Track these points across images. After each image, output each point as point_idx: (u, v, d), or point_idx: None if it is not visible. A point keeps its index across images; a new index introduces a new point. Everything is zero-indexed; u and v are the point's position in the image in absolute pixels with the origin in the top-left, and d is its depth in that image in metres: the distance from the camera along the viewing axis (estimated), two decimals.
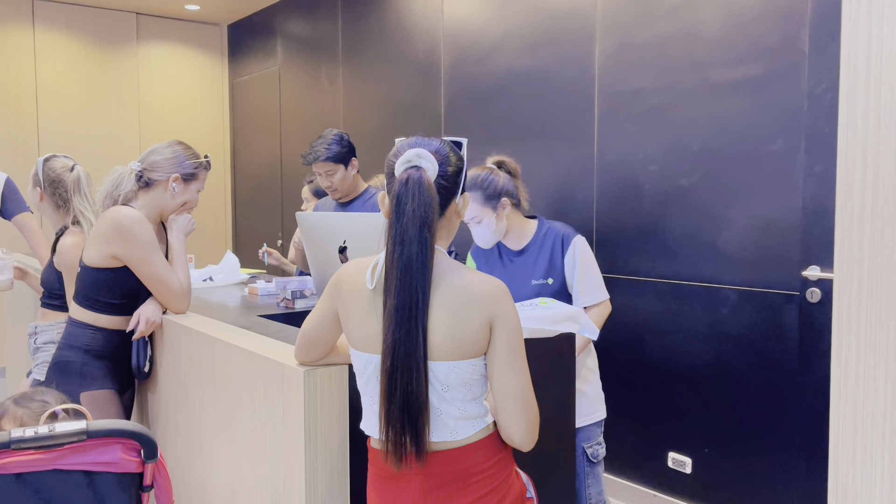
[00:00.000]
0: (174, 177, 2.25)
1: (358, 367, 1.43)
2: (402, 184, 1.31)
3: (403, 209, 1.29)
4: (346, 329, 1.43)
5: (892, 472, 0.79)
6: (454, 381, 1.34)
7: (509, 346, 1.35)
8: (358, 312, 1.38)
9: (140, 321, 2.21)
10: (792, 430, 2.70)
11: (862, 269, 0.80)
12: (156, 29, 6.16)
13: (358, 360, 1.42)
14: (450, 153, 1.40)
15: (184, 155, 2.29)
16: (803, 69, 2.61)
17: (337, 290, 1.44)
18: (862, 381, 0.80)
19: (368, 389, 1.41)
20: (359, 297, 1.39)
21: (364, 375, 1.41)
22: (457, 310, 1.32)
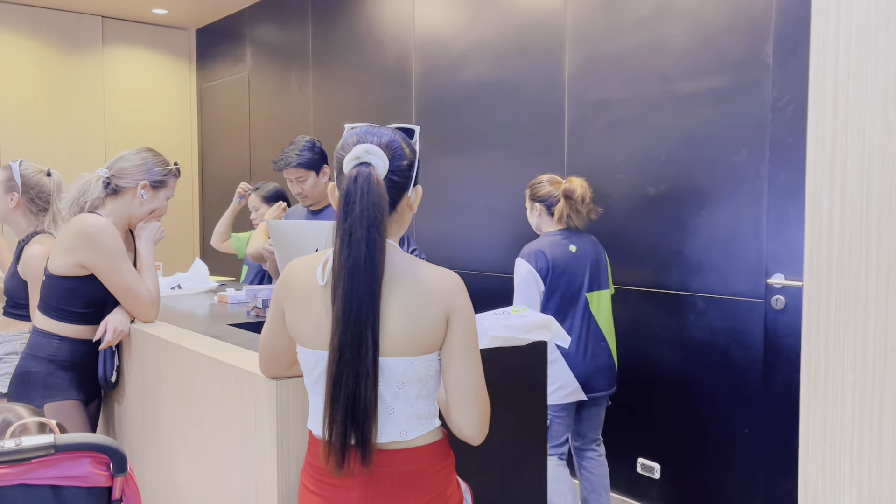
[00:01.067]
0: (142, 184, 2.22)
1: (307, 366, 1.38)
2: (352, 181, 1.28)
3: (352, 208, 1.26)
4: (294, 327, 1.38)
5: (860, 480, 0.81)
6: (410, 378, 1.32)
7: (465, 340, 1.34)
8: (308, 309, 1.34)
9: (107, 330, 2.17)
10: (757, 434, 2.75)
11: (830, 282, 0.82)
12: (122, 33, 6.07)
13: (307, 357, 1.37)
14: (402, 145, 1.36)
15: (153, 162, 2.26)
16: (767, 82, 2.67)
17: (284, 287, 1.39)
18: (830, 391, 0.83)
19: (317, 388, 1.37)
20: (308, 293, 1.35)
21: (314, 373, 1.36)
22: (414, 304, 1.30)
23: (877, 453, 0.80)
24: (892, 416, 0.79)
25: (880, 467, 0.80)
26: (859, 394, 0.81)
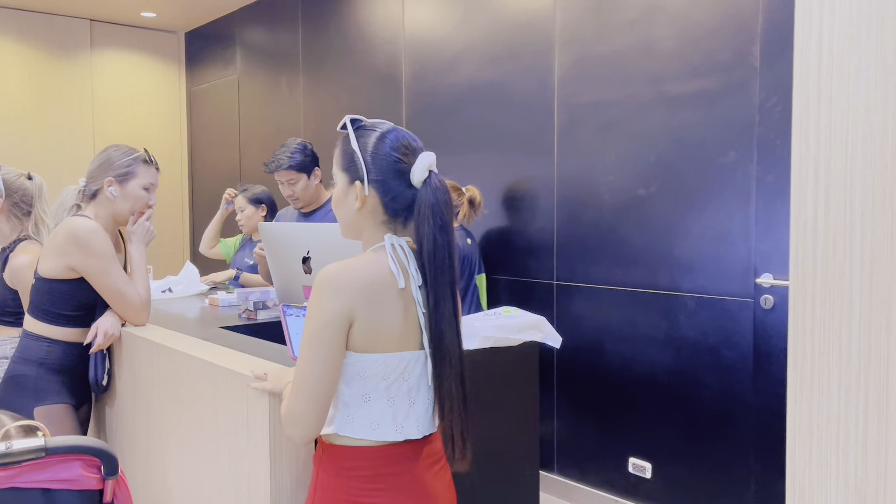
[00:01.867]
0: (107, 181, 2.21)
1: (386, 370, 1.35)
2: (435, 192, 1.38)
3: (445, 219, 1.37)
4: (372, 333, 1.33)
5: (846, 473, 0.82)
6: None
7: None
8: (392, 312, 1.34)
9: (98, 334, 2.17)
10: (747, 432, 2.77)
11: (815, 279, 0.84)
12: (110, 36, 6.05)
13: (388, 361, 1.35)
14: None
15: (115, 155, 2.23)
16: (754, 83, 2.69)
17: (355, 294, 1.31)
18: (816, 386, 0.84)
19: (393, 390, 1.36)
20: (388, 296, 1.34)
21: (391, 377, 1.35)
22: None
23: (862, 446, 0.81)
24: (876, 410, 0.80)
25: (865, 460, 0.81)
26: (844, 389, 0.82)
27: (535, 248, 3.49)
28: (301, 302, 2.26)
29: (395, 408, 1.36)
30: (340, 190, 1.42)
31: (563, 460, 3.43)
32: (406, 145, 1.40)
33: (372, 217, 1.40)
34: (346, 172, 1.41)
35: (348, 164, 1.40)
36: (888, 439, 0.80)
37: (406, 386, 1.37)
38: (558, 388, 3.41)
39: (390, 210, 1.39)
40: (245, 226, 3.66)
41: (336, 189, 1.43)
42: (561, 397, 3.41)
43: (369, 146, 1.39)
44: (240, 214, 3.65)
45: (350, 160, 1.40)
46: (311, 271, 2.19)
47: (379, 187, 1.38)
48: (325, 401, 1.32)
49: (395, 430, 1.36)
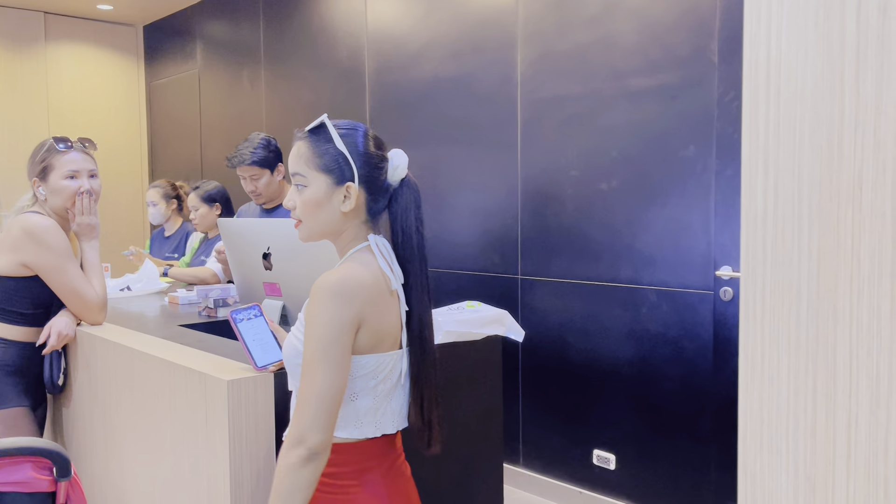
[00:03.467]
0: (33, 182, 2.16)
1: (380, 370, 1.36)
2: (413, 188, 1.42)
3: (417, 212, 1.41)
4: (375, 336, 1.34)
5: (796, 460, 0.84)
6: None
7: None
8: (390, 313, 1.37)
9: (51, 334, 2.11)
10: (708, 422, 2.81)
11: (765, 268, 0.85)
12: (65, 29, 5.91)
13: (384, 361, 1.36)
14: None
15: (33, 153, 2.18)
16: (713, 78, 2.73)
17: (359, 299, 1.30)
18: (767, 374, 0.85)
19: (378, 389, 1.36)
20: (385, 298, 1.36)
21: (381, 374, 1.36)
22: None
23: (811, 433, 0.83)
24: (824, 397, 0.81)
25: (815, 447, 0.83)
26: (794, 376, 0.84)
27: (500, 242, 3.50)
28: (261, 300, 2.24)
29: (377, 404, 1.38)
30: (320, 193, 1.36)
31: (528, 453, 3.45)
32: (381, 143, 1.43)
33: (355, 218, 1.39)
34: (330, 174, 1.36)
35: (332, 165, 1.36)
36: (836, 426, 0.81)
37: (390, 384, 1.39)
38: (523, 381, 3.43)
39: (372, 210, 1.40)
40: (199, 225, 3.59)
41: (311, 192, 1.36)
42: (526, 391, 3.42)
43: (356, 146, 1.37)
44: (193, 214, 3.58)
45: (335, 161, 1.36)
46: (271, 267, 2.16)
47: (366, 187, 1.38)
48: (336, 407, 1.30)
49: (375, 426, 1.38)
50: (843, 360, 0.79)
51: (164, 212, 3.96)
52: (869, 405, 0.77)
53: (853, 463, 0.78)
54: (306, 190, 1.37)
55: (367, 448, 1.38)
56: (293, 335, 1.39)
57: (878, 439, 0.75)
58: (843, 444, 0.80)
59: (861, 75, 0.74)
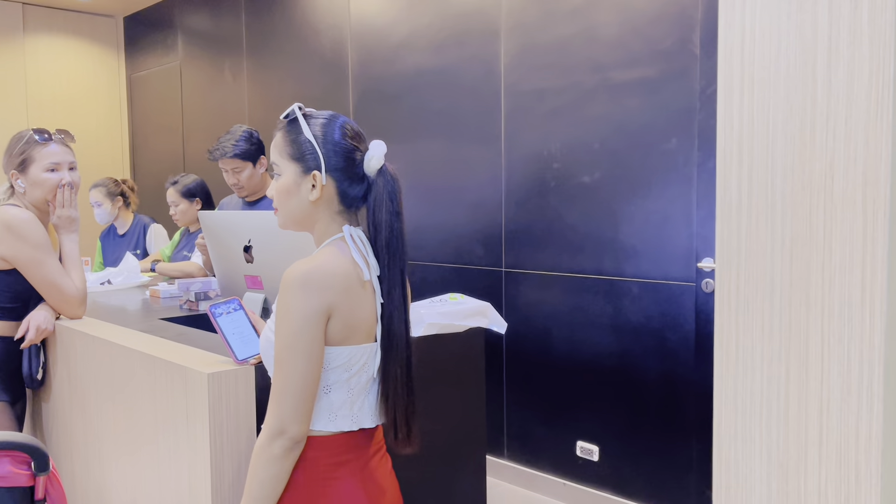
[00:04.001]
0: (11, 174, 2.14)
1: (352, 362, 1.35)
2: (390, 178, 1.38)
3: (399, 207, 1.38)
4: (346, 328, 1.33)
5: (769, 446, 0.85)
6: None
7: None
8: (362, 305, 1.35)
9: (29, 328, 2.09)
10: (690, 413, 2.84)
11: (740, 258, 0.86)
12: (44, 20, 5.82)
13: (357, 354, 1.35)
14: None
15: (10, 145, 2.15)
16: (695, 71, 2.74)
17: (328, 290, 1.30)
18: (741, 362, 0.86)
19: (353, 382, 1.36)
20: (356, 290, 1.34)
21: (354, 367, 1.35)
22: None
23: (784, 420, 0.84)
24: (797, 384, 0.82)
25: (787, 433, 0.84)
26: (767, 364, 0.85)
27: (483, 235, 3.50)
28: (242, 293, 2.23)
29: (352, 398, 1.36)
30: (290, 181, 1.38)
31: (512, 445, 3.46)
32: (357, 133, 1.40)
33: (327, 208, 1.38)
34: (298, 162, 1.37)
35: (300, 154, 1.37)
36: (808, 412, 0.82)
37: (366, 377, 1.37)
38: (507, 374, 3.44)
39: (346, 200, 1.38)
40: (180, 220, 3.57)
41: (282, 181, 1.38)
42: (510, 383, 3.44)
43: (324, 134, 1.37)
44: (173, 209, 3.54)
45: (302, 149, 1.36)
46: (252, 260, 2.15)
47: (336, 176, 1.37)
48: (312, 397, 1.31)
49: (351, 419, 1.36)
50: (815, 347, 0.80)
51: (111, 210, 3.91)
52: (840, 392, 0.78)
53: (825, 449, 0.79)
54: (279, 178, 1.40)
55: (344, 441, 1.37)
56: (268, 327, 1.39)
57: (849, 425, 0.76)
58: (815, 431, 0.81)
59: (833, 66, 0.75)
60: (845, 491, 0.76)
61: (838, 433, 0.78)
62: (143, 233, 3.92)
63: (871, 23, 0.71)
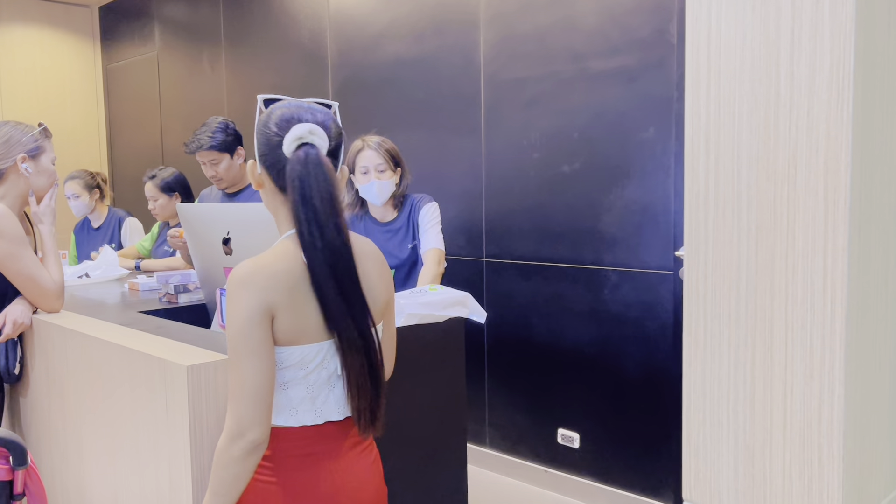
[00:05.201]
0: (20, 157, 2.13)
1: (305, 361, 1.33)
2: (301, 164, 1.25)
3: (310, 193, 1.24)
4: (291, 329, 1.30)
5: (735, 430, 0.87)
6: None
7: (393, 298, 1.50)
8: (305, 305, 1.30)
9: (6, 323, 2.08)
10: (668, 400, 2.88)
11: (707, 246, 0.87)
12: (18, 9, 5.73)
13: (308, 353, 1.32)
14: (333, 124, 1.35)
15: (18, 132, 2.16)
16: (672, 60, 2.77)
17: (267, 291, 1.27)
18: (709, 348, 0.88)
19: (311, 379, 1.34)
20: (298, 289, 1.29)
21: (310, 366, 1.33)
22: (380, 276, 1.42)
23: (750, 404, 0.86)
24: (762, 369, 0.84)
25: (753, 417, 0.86)
26: (734, 350, 0.86)
27: (464, 225, 3.51)
28: (222, 284, 2.22)
29: (314, 393, 1.34)
30: (252, 173, 1.38)
31: (493, 434, 3.49)
32: (289, 118, 1.31)
33: (282, 203, 1.35)
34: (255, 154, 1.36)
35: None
36: (773, 396, 0.84)
37: (325, 374, 1.35)
38: (489, 363, 3.47)
39: (283, 190, 1.33)
40: (159, 215, 3.54)
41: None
42: (491, 372, 3.46)
43: (259, 122, 1.34)
44: (152, 204, 3.51)
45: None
46: (231, 252, 2.15)
47: (264, 163, 1.32)
48: (269, 396, 1.29)
49: (315, 414, 1.34)
50: (780, 333, 0.82)
51: (88, 203, 3.87)
52: (803, 376, 0.80)
53: (789, 432, 0.82)
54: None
55: (310, 434, 1.35)
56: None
57: (811, 409, 0.78)
58: (779, 414, 0.83)
59: (795, 59, 0.76)
60: (808, 472, 0.78)
61: (802, 416, 0.81)
62: (118, 226, 3.88)
63: (832, 17, 0.72)
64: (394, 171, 2.65)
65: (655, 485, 2.94)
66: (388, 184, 2.62)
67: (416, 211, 2.68)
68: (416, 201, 2.71)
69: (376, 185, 2.59)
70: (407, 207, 2.70)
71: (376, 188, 2.59)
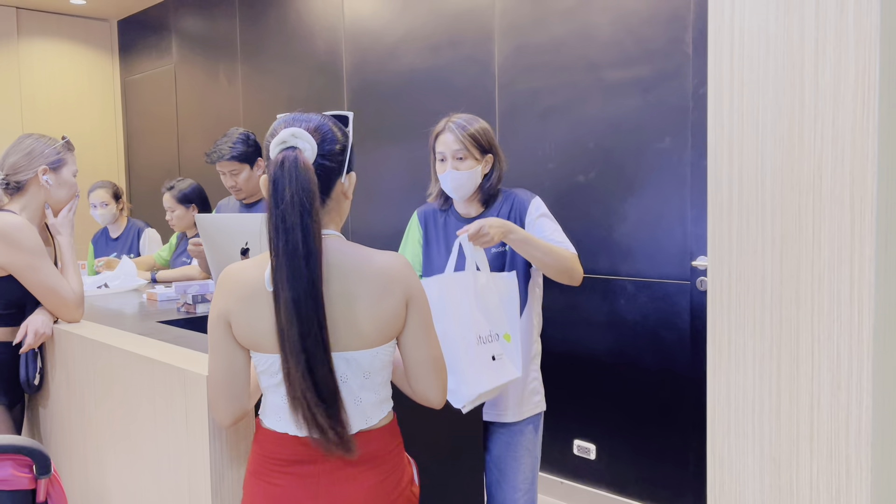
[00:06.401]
0: (42, 169, 2.16)
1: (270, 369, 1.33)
2: (278, 167, 1.23)
3: (282, 195, 1.22)
4: (249, 335, 1.32)
5: (761, 441, 0.86)
6: (376, 367, 1.33)
7: (424, 320, 1.36)
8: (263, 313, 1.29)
9: (28, 333, 2.10)
10: (686, 411, 2.86)
11: (731, 256, 0.87)
12: (39, 24, 5.82)
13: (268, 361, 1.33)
14: (333, 129, 1.33)
15: (41, 144, 2.19)
16: (688, 70, 2.76)
17: (227, 295, 1.32)
18: (733, 359, 0.87)
19: (281, 389, 1.33)
20: (258, 297, 1.30)
21: (277, 376, 1.32)
22: (379, 294, 1.29)
23: (776, 415, 0.85)
24: (788, 380, 0.84)
25: (779, 428, 0.85)
26: (759, 360, 0.86)
27: None
28: None
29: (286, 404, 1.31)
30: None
31: None
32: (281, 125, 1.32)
33: None
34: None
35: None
36: (799, 407, 0.84)
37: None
38: None
39: None
40: (177, 226, 3.57)
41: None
42: None
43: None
44: (169, 215, 3.54)
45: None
46: None
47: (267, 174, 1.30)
48: (230, 391, 1.35)
49: (297, 424, 1.31)
50: (806, 344, 0.82)
51: (115, 211, 3.92)
52: (830, 387, 0.80)
53: (816, 443, 0.81)
54: None
55: (295, 443, 1.34)
56: None
57: (839, 420, 0.78)
58: (806, 426, 0.83)
59: (820, 68, 0.76)
60: (836, 484, 0.78)
61: (829, 428, 0.80)
62: (136, 237, 3.92)
63: (856, 25, 0.72)
64: (478, 159, 2.13)
65: (672, 497, 2.91)
66: (468, 175, 2.10)
67: (517, 211, 2.17)
68: (515, 198, 2.20)
69: (452, 175, 2.10)
70: (500, 204, 2.19)
71: (451, 180, 2.11)
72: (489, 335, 1.91)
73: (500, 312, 1.96)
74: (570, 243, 2.11)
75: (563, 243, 2.08)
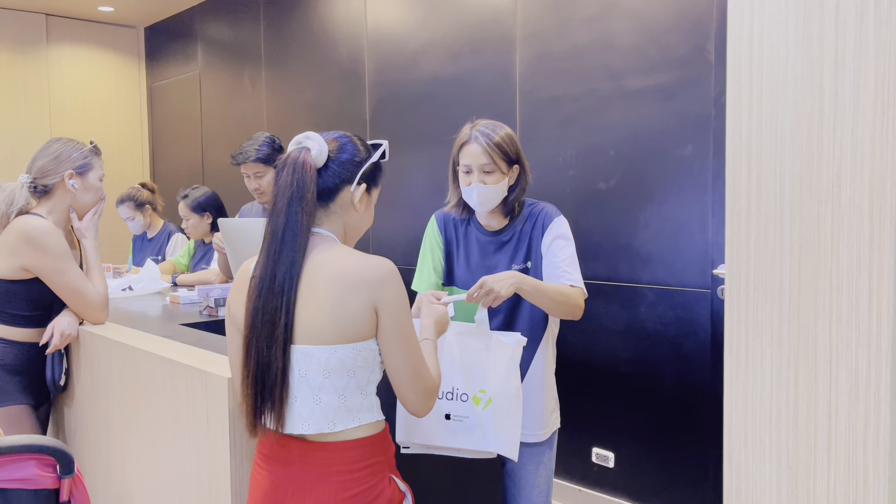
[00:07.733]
0: (68, 174, 2.19)
1: None
2: (285, 159, 1.36)
3: (279, 183, 1.34)
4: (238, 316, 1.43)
5: (778, 450, 0.86)
6: (335, 367, 1.32)
7: (397, 330, 1.34)
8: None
9: (54, 334, 2.14)
10: (706, 419, 2.83)
11: (749, 265, 0.87)
12: (67, 30, 5.93)
13: None
14: (354, 142, 1.44)
15: (68, 148, 2.22)
16: (710, 78, 2.75)
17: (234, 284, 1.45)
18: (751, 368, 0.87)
19: None
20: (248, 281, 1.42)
21: None
22: (338, 294, 1.30)
23: (793, 424, 0.85)
24: (805, 389, 0.84)
25: (797, 437, 0.85)
26: (776, 369, 0.86)
27: None
28: None
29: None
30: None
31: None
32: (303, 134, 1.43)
33: None
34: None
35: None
36: (817, 417, 0.83)
37: None
38: None
39: None
40: (192, 234, 3.61)
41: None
42: None
43: None
44: (185, 223, 3.58)
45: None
46: None
47: None
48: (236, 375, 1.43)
49: (279, 423, 1.34)
50: (824, 353, 0.81)
51: (143, 220, 3.96)
52: (848, 397, 0.80)
53: (833, 453, 0.81)
54: None
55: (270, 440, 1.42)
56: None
57: (857, 430, 0.77)
58: (823, 435, 0.82)
59: (839, 78, 0.76)
60: (854, 494, 0.77)
61: (847, 437, 0.80)
62: (167, 240, 3.97)
63: (876, 35, 0.72)
64: (505, 171, 1.99)
65: None
66: (495, 189, 1.97)
67: (540, 226, 2.05)
68: (540, 213, 2.08)
69: (479, 190, 1.96)
70: (524, 218, 2.07)
71: (478, 195, 1.97)
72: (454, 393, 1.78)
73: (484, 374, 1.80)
74: (580, 273, 2.01)
75: (571, 275, 1.97)
